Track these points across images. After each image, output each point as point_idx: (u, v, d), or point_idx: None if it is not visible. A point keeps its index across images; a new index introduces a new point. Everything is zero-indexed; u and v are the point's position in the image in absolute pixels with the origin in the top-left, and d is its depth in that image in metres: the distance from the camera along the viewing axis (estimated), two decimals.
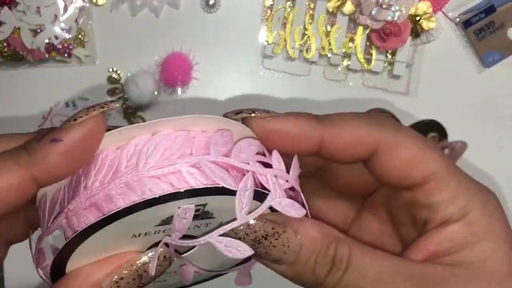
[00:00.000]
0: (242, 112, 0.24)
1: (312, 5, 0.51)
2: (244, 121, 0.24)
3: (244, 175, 0.21)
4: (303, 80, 0.52)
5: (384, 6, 0.48)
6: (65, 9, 0.49)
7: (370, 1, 0.48)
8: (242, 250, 0.22)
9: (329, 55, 0.51)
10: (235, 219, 0.21)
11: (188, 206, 0.20)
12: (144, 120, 0.51)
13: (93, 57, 0.51)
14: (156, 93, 0.49)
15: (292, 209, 0.22)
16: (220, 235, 0.21)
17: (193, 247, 0.22)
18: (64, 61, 0.50)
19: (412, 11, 0.49)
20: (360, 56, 0.50)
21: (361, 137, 0.23)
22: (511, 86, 0.52)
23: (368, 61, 0.51)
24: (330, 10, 0.50)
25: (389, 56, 0.51)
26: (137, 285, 0.22)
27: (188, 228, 0.21)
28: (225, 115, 0.24)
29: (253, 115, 0.24)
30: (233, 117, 0.24)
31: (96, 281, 0.21)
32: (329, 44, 0.50)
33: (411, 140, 0.24)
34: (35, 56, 0.49)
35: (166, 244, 0.22)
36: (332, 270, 0.23)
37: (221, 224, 0.21)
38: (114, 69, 0.51)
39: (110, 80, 0.51)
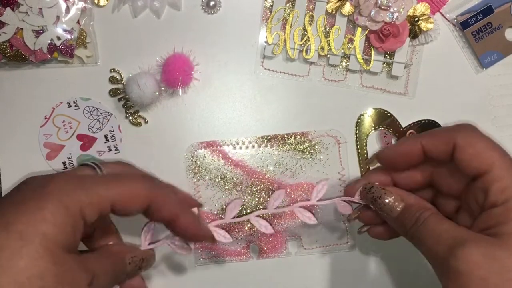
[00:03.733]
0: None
1: (311, 6, 0.51)
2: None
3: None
4: (303, 81, 0.52)
5: (382, 7, 0.48)
6: (67, 10, 0.49)
7: (369, 2, 0.49)
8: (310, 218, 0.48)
9: (328, 55, 0.51)
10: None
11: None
12: (145, 120, 0.52)
13: (95, 58, 0.51)
14: (157, 93, 0.50)
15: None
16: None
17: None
18: (66, 62, 0.51)
19: (410, 12, 0.49)
20: (359, 56, 0.51)
21: None
22: (509, 86, 0.53)
23: (367, 61, 0.51)
24: (329, 11, 0.50)
25: (388, 57, 0.51)
26: None
27: None
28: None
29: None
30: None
31: None
32: (328, 44, 0.51)
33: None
34: (38, 56, 0.49)
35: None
36: (414, 225, 0.37)
37: None
38: (116, 70, 0.51)
39: (112, 80, 0.51)
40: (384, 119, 0.52)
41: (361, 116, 0.52)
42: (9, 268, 0.28)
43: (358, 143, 0.52)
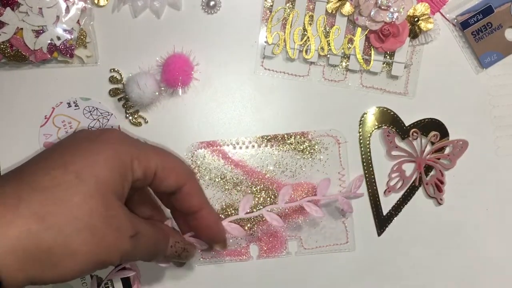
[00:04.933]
0: None
1: (311, 6, 0.51)
2: None
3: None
4: (303, 81, 0.52)
5: (382, 7, 0.48)
6: (67, 10, 0.49)
7: (369, 2, 0.49)
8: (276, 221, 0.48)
9: (328, 55, 0.51)
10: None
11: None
12: (145, 120, 0.52)
13: (95, 58, 0.51)
14: (157, 93, 0.50)
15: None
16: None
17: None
18: (66, 62, 0.51)
19: (410, 12, 0.49)
20: (359, 56, 0.51)
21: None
22: (508, 86, 0.53)
23: (367, 61, 0.51)
24: (329, 11, 0.50)
25: (388, 57, 0.51)
26: None
27: None
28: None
29: None
30: None
31: None
32: (328, 44, 0.51)
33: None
34: (38, 56, 0.49)
35: None
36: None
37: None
38: (116, 70, 0.51)
39: (112, 80, 0.51)
40: (387, 118, 0.52)
41: (364, 115, 0.52)
42: (65, 202, 0.30)
43: (361, 141, 0.52)
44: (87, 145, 0.34)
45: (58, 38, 0.49)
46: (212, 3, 0.51)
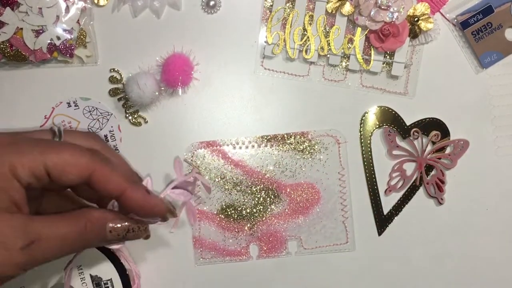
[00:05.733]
0: None
1: (311, 6, 0.51)
2: None
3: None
4: (303, 81, 0.52)
5: (382, 7, 0.48)
6: (67, 10, 0.49)
7: (369, 2, 0.49)
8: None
9: (328, 55, 0.51)
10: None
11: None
12: (145, 120, 0.52)
13: (95, 58, 0.51)
14: (157, 93, 0.50)
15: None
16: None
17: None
18: (66, 62, 0.51)
19: (410, 12, 0.49)
20: (359, 56, 0.51)
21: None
22: (508, 86, 0.53)
23: (367, 61, 0.51)
24: (329, 11, 0.50)
25: (388, 57, 0.51)
26: None
27: None
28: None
29: None
30: None
31: None
32: (328, 44, 0.51)
33: None
34: (37, 56, 0.49)
35: None
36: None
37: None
38: (116, 69, 0.51)
39: (112, 80, 0.51)
40: (389, 117, 0.52)
41: (366, 114, 0.52)
42: None
43: (362, 140, 0.52)
44: None
45: (58, 38, 0.49)
46: (212, 3, 0.51)
